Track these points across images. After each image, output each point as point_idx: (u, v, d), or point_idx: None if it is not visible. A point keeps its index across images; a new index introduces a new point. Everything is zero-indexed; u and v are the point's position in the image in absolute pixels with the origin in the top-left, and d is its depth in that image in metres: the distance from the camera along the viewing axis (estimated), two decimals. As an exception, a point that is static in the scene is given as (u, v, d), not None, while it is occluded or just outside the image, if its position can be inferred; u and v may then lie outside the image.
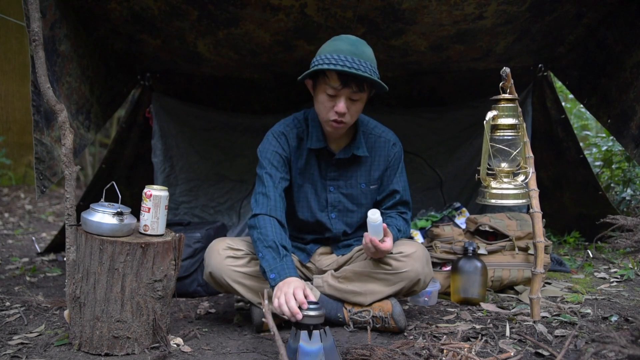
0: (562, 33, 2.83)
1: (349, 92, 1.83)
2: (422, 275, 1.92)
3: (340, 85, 1.82)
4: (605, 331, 1.34)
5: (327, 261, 2.13)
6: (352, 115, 1.89)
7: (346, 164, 2.04)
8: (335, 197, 2.07)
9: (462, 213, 3.16)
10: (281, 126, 2.05)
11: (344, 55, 1.81)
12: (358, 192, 2.07)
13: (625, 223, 1.78)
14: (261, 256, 1.79)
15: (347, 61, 1.79)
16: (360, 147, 2.02)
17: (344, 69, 1.78)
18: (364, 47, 1.86)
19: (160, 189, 1.79)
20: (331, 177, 2.05)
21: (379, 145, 2.07)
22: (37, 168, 2.13)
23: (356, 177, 2.06)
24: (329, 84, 1.83)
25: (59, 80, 2.31)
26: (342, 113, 1.85)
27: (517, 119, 1.70)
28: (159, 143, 3.37)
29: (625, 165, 3.82)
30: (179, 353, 1.72)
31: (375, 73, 1.85)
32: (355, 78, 1.80)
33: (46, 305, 2.21)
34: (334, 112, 1.86)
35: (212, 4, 2.41)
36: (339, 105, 1.84)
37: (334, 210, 2.08)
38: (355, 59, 1.80)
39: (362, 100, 1.89)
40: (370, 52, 1.87)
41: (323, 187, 2.06)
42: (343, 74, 1.79)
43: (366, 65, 1.81)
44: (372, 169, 2.07)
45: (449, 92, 3.50)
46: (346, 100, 1.85)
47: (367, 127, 2.07)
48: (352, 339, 1.84)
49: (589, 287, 2.48)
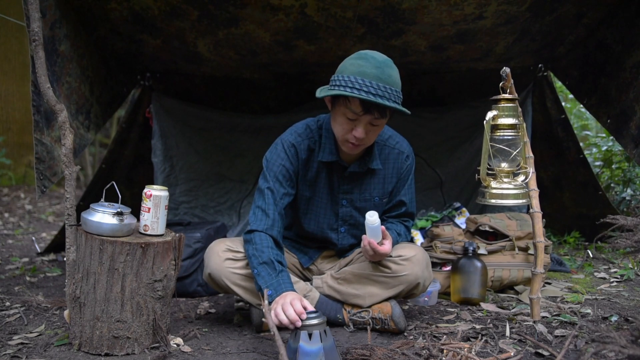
0: (562, 33, 2.83)
1: (370, 118, 1.74)
2: (422, 279, 1.91)
3: (362, 112, 1.72)
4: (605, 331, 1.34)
5: (329, 264, 2.13)
6: (370, 138, 1.82)
7: (359, 177, 1.98)
8: (347, 211, 2.02)
9: (462, 213, 3.16)
10: (292, 136, 1.95)
11: (369, 80, 1.69)
12: (371, 205, 2.00)
13: (625, 223, 1.78)
14: (256, 273, 1.76)
15: (372, 87, 1.69)
16: (375, 160, 1.96)
17: (369, 98, 1.68)
18: (390, 70, 1.74)
19: (160, 189, 1.79)
20: (344, 190, 1.99)
21: (392, 157, 2.00)
22: (38, 168, 2.13)
23: (370, 191, 2.00)
24: (350, 107, 1.73)
25: (59, 80, 2.31)
26: (361, 138, 1.77)
27: (517, 119, 1.70)
28: (159, 143, 3.36)
29: (625, 165, 3.82)
30: (179, 353, 1.72)
31: (399, 98, 1.75)
32: (377, 105, 1.71)
33: (46, 305, 2.21)
34: (353, 136, 1.78)
35: (212, 4, 2.41)
36: (357, 130, 1.76)
37: (345, 224, 2.05)
38: (381, 85, 1.69)
39: (382, 124, 1.82)
40: (396, 75, 1.75)
41: (335, 200, 2.00)
42: (366, 101, 1.70)
43: (391, 92, 1.71)
44: (385, 181, 2.01)
45: (449, 92, 3.50)
46: (366, 126, 1.76)
47: (382, 137, 1.99)
48: (352, 339, 1.84)
49: (589, 287, 2.48)
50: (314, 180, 1.97)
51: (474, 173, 1.77)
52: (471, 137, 3.39)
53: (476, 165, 1.77)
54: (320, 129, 1.96)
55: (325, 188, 1.99)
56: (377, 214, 1.79)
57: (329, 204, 2.01)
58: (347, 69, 1.75)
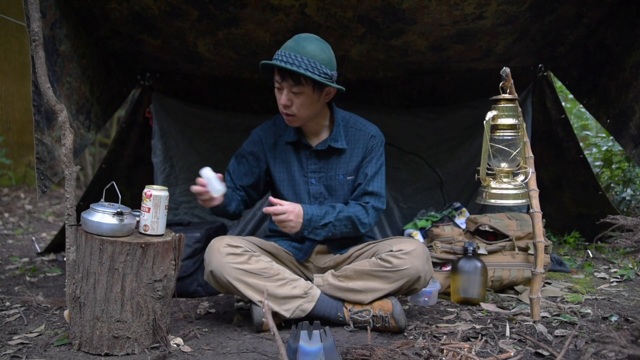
0: (562, 33, 2.83)
1: (288, 85, 1.94)
2: (423, 273, 1.93)
3: (279, 79, 1.94)
4: (605, 331, 1.34)
5: (324, 259, 2.15)
6: (298, 108, 1.98)
7: (325, 156, 2.12)
8: (317, 188, 2.14)
9: (462, 213, 3.16)
10: (260, 127, 2.22)
11: (283, 50, 1.93)
12: (336, 183, 2.13)
13: (625, 223, 1.78)
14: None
15: (284, 56, 1.91)
16: (339, 140, 2.10)
17: (274, 63, 1.91)
18: (307, 43, 1.93)
19: (160, 189, 1.79)
20: (312, 169, 2.13)
21: (358, 138, 2.13)
22: (38, 168, 2.13)
23: (335, 169, 2.12)
24: (274, 78, 1.97)
25: (59, 80, 2.31)
26: (285, 105, 1.97)
27: (517, 119, 1.70)
28: (159, 143, 3.36)
29: (625, 165, 3.82)
30: (179, 353, 1.72)
31: (315, 69, 1.91)
32: (290, 72, 1.90)
33: (46, 305, 2.21)
34: (281, 105, 1.98)
35: (212, 4, 2.41)
36: (281, 98, 1.97)
37: (316, 202, 2.13)
38: (292, 54, 1.90)
39: (306, 94, 1.95)
40: (313, 47, 1.93)
41: (305, 180, 2.14)
42: (279, 68, 1.91)
43: (302, 60, 1.89)
44: (350, 160, 2.12)
45: (449, 92, 3.50)
46: (288, 94, 1.95)
47: (349, 122, 2.16)
48: (352, 339, 1.84)
49: (589, 287, 2.48)
50: (285, 162, 2.16)
51: (474, 173, 1.77)
52: (471, 137, 3.39)
53: (476, 165, 1.77)
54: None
55: (295, 167, 2.15)
56: (208, 168, 1.93)
57: (301, 183, 2.15)
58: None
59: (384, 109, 3.43)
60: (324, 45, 1.98)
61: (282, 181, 2.17)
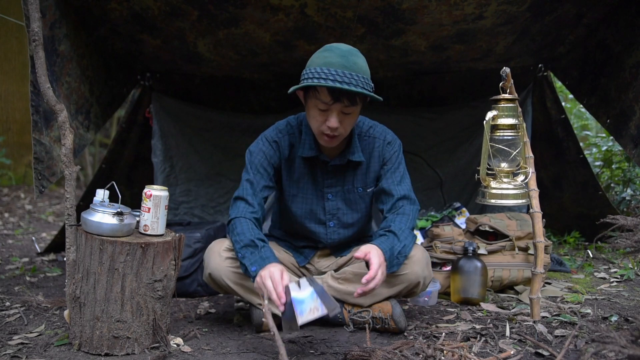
0: (562, 33, 2.84)
1: (340, 106, 1.77)
2: (422, 278, 1.92)
3: (331, 101, 1.75)
4: (605, 331, 1.34)
5: (326, 262, 2.13)
6: (345, 128, 1.83)
7: (342, 169, 2.00)
8: (334, 204, 2.03)
9: (462, 213, 3.16)
10: (274, 132, 2.00)
11: (334, 69, 1.73)
12: (355, 196, 2.03)
13: (625, 223, 1.78)
14: (241, 256, 1.78)
15: (338, 75, 1.72)
16: (356, 152, 1.97)
17: (335, 85, 1.70)
18: (355, 58, 1.78)
19: (160, 189, 1.79)
20: (328, 184, 2.01)
21: (373, 147, 2.01)
22: (36, 168, 2.13)
23: (352, 182, 2.02)
24: (320, 98, 1.77)
25: (58, 80, 2.31)
26: (335, 128, 1.80)
27: (517, 119, 1.71)
28: (159, 143, 3.36)
29: (625, 165, 3.82)
30: (179, 353, 1.72)
31: (368, 84, 1.77)
32: (346, 93, 1.73)
33: (46, 305, 2.21)
34: (327, 127, 1.80)
35: (212, 4, 2.41)
36: (330, 120, 1.78)
37: (333, 218, 2.05)
38: (346, 72, 1.73)
39: (355, 112, 1.83)
40: (362, 62, 1.79)
41: (320, 195, 2.02)
42: (332, 89, 1.73)
43: (358, 78, 1.74)
44: (368, 171, 2.01)
45: (449, 92, 3.50)
46: (338, 115, 1.79)
47: (362, 129, 2.01)
48: (352, 339, 1.84)
49: (589, 287, 2.48)
50: (298, 177, 2.01)
51: (474, 173, 1.77)
52: (471, 137, 3.39)
53: (476, 165, 1.77)
54: (300, 125, 2.00)
55: (309, 183, 2.01)
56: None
57: (315, 199, 2.02)
58: (313, 62, 1.80)
59: (384, 108, 3.43)
60: (363, 56, 1.84)
61: (292, 197, 2.03)
